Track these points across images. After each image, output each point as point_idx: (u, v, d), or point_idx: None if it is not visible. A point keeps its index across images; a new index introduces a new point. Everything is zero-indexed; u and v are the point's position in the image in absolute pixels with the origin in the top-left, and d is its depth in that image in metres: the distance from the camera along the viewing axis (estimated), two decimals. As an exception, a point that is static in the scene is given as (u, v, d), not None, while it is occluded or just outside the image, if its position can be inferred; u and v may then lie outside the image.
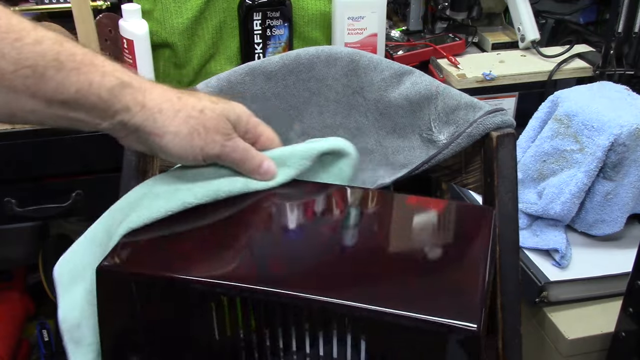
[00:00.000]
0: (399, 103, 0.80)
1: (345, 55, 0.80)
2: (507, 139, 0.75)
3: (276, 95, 0.80)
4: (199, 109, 0.62)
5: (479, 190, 0.78)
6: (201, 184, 0.64)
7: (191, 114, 0.61)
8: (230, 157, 0.64)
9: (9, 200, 1.15)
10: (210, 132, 0.62)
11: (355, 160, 0.70)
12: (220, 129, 0.63)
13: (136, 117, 0.59)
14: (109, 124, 0.59)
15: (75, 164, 1.17)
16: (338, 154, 0.70)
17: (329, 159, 0.70)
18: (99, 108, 0.58)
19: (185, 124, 0.61)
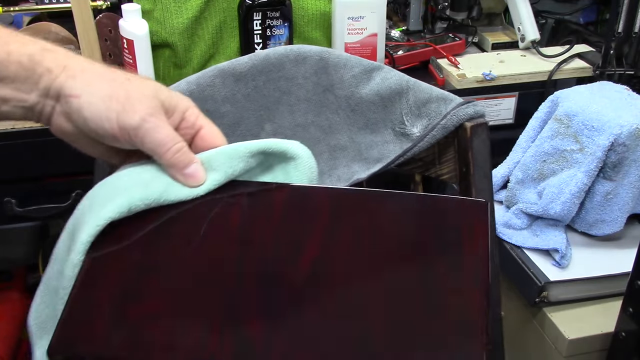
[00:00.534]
0: (370, 99, 0.80)
1: (314, 53, 0.80)
2: (481, 129, 0.77)
3: (246, 96, 0.80)
4: (126, 77, 0.57)
5: (454, 180, 0.80)
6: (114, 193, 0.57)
7: (116, 78, 0.56)
8: (150, 137, 0.56)
9: (9, 200, 1.15)
10: (132, 100, 0.55)
11: (306, 164, 0.62)
12: (144, 101, 0.56)
13: (59, 78, 0.55)
14: (36, 97, 0.55)
15: (75, 164, 1.16)
16: (283, 156, 0.62)
17: (275, 162, 0.63)
18: (21, 77, 0.54)
19: (106, 85, 0.55)
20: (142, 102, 0.56)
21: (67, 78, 0.55)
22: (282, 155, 0.62)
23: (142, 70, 1.15)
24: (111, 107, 0.55)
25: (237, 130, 0.80)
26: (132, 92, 0.56)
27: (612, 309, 1.02)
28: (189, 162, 0.58)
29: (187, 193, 0.58)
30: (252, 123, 0.81)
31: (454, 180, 0.80)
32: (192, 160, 0.58)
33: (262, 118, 0.81)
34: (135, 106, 0.55)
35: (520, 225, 1.15)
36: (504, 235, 1.14)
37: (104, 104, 0.55)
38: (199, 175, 0.58)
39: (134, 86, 0.56)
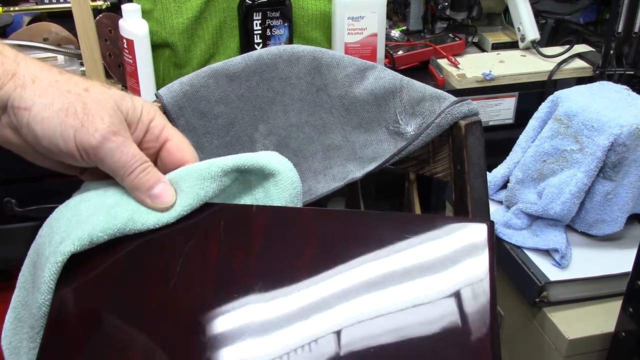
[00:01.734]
0: (364, 98, 0.80)
1: (307, 53, 0.80)
2: (475, 127, 0.77)
3: (240, 96, 0.80)
4: (83, 87, 0.50)
5: (448, 179, 0.80)
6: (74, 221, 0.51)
7: (71, 89, 0.50)
8: (113, 157, 0.50)
9: (9, 200, 1.15)
10: (92, 115, 0.49)
11: (287, 179, 0.57)
12: (105, 117, 0.49)
13: (5, 88, 0.48)
14: None
15: (75, 164, 1.17)
16: (261, 172, 0.56)
17: (252, 178, 0.58)
18: None
19: (60, 97, 0.49)
20: (103, 117, 0.49)
21: (16, 87, 0.49)
22: (259, 171, 0.56)
23: (142, 70, 1.15)
24: (67, 122, 0.48)
25: (231, 131, 0.80)
26: (91, 105, 0.49)
27: (612, 309, 1.02)
28: (155, 182, 0.52)
29: (155, 220, 0.52)
30: (246, 123, 0.81)
31: (448, 178, 0.80)
32: (158, 180, 0.52)
33: (256, 118, 0.81)
34: (96, 122, 0.49)
35: (520, 225, 1.15)
36: (504, 235, 1.14)
37: (58, 118, 0.48)
38: (167, 196, 0.52)
39: (93, 98, 0.50)
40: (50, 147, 0.50)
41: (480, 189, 0.76)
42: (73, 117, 0.49)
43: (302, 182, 0.83)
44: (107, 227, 0.50)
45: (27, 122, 0.49)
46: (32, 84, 0.49)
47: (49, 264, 0.50)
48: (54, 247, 0.50)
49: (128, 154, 0.50)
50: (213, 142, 0.80)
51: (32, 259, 0.55)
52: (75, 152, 0.50)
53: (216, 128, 0.80)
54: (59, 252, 0.50)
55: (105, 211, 0.52)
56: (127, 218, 0.51)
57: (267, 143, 0.82)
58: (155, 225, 0.52)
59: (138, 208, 0.52)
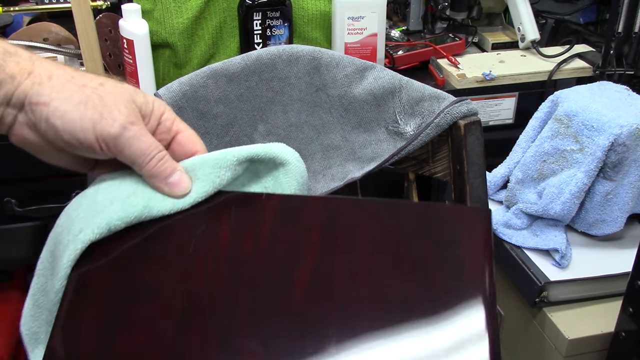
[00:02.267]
0: (363, 98, 0.80)
1: (306, 53, 0.80)
2: (474, 127, 0.77)
3: (239, 97, 0.80)
4: (98, 82, 0.52)
5: (447, 178, 0.80)
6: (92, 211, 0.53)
7: (87, 84, 0.51)
8: (131, 147, 0.51)
9: (9, 200, 1.15)
10: (109, 106, 0.51)
11: (295, 169, 0.59)
12: (122, 108, 0.51)
13: (22, 85, 0.50)
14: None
15: (75, 164, 1.17)
16: (271, 162, 0.59)
17: (262, 168, 0.60)
18: None
19: (78, 92, 0.50)
20: (120, 108, 0.51)
21: (33, 84, 0.50)
22: (271, 161, 0.59)
23: (142, 70, 1.15)
24: (86, 115, 0.50)
25: (231, 131, 0.80)
26: (108, 98, 0.51)
27: (612, 309, 1.02)
28: (172, 171, 0.54)
29: (170, 207, 0.54)
30: (246, 123, 0.81)
31: (448, 178, 0.80)
32: (175, 169, 0.54)
33: (255, 118, 0.81)
34: (114, 113, 0.51)
35: (520, 225, 1.15)
36: (504, 235, 1.14)
37: (77, 112, 0.50)
38: (183, 184, 0.54)
39: (108, 91, 0.52)
40: (70, 141, 0.51)
41: (479, 188, 0.77)
42: (92, 110, 0.50)
43: None
44: (124, 216, 0.52)
45: (46, 117, 0.50)
46: (49, 80, 0.50)
47: (68, 251, 0.51)
48: (74, 235, 0.52)
49: (146, 142, 0.52)
50: (212, 142, 0.80)
51: (50, 248, 0.56)
52: (95, 144, 0.51)
53: (215, 128, 0.80)
54: (79, 240, 0.51)
55: (122, 200, 0.53)
56: (143, 206, 0.53)
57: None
58: (170, 211, 0.54)
59: (154, 195, 0.54)
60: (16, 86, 0.50)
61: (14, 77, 0.50)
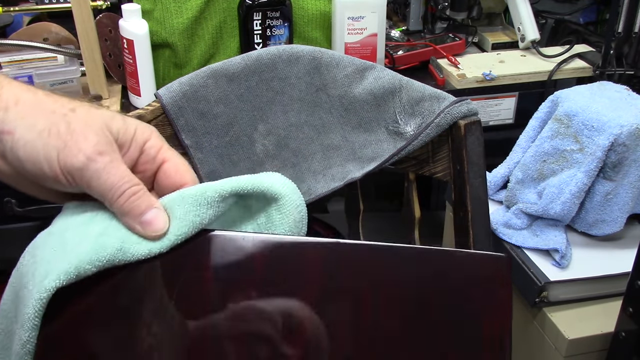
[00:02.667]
0: (364, 98, 0.80)
1: (307, 53, 0.80)
2: (474, 127, 0.77)
3: (239, 96, 0.80)
4: (70, 107, 0.48)
5: (447, 178, 0.80)
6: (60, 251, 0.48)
7: (56, 110, 0.47)
8: (99, 180, 0.46)
9: (9, 200, 1.15)
10: (76, 134, 0.46)
11: (291, 203, 0.52)
12: (90, 136, 0.46)
13: None
14: None
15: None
16: (261, 197, 0.52)
17: (254, 203, 0.54)
18: None
19: (44, 118, 0.46)
20: (88, 137, 0.46)
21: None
22: (261, 196, 0.52)
23: (142, 70, 1.15)
24: (49, 143, 0.46)
25: (231, 131, 0.80)
26: (76, 125, 0.47)
27: (612, 309, 1.02)
28: (147, 208, 0.48)
29: (147, 250, 0.48)
30: (246, 123, 0.81)
31: (448, 178, 0.80)
32: (150, 205, 0.48)
33: (255, 118, 0.81)
34: (80, 143, 0.46)
35: (520, 225, 1.15)
36: (504, 235, 1.14)
37: (40, 140, 0.46)
38: (159, 223, 0.48)
39: (79, 118, 0.47)
40: (35, 172, 0.47)
41: (479, 188, 0.77)
42: (56, 138, 0.46)
43: (301, 182, 0.83)
44: (94, 259, 0.47)
45: (10, 147, 0.46)
46: (15, 106, 0.47)
47: (32, 300, 0.47)
48: (39, 280, 0.47)
49: (116, 175, 0.47)
50: (212, 142, 0.80)
51: (15, 288, 0.51)
52: (61, 176, 0.47)
53: (215, 128, 0.80)
54: (44, 287, 0.46)
55: (92, 240, 0.48)
56: (116, 248, 0.47)
57: (267, 143, 0.82)
58: (147, 255, 0.48)
59: (128, 236, 0.48)
60: None
61: None
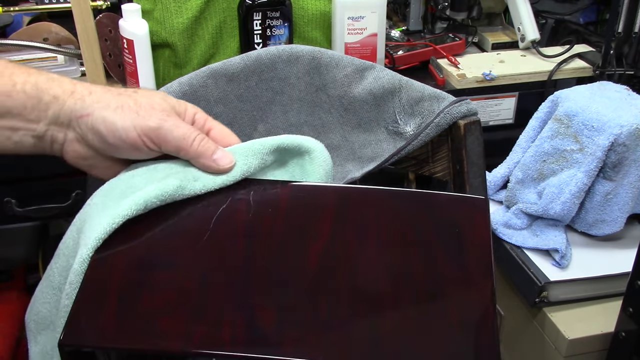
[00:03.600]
0: (363, 98, 0.80)
1: (306, 53, 0.80)
2: (474, 126, 0.77)
3: (239, 97, 0.80)
4: (132, 90, 0.59)
5: (447, 178, 0.80)
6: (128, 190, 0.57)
7: (122, 92, 0.58)
8: (173, 133, 0.57)
9: (9, 200, 1.15)
10: (143, 106, 0.57)
11: (320, 156, 0.64)
12: (155, 106, 0.57)
13: (67, 104, 0.56)
14: (45, 125, 0.56)
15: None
16: (297, 151, 0.64)
17: (289, 158, 0.65)
18: (28, 106, 0.55)
19: (114, 99, 0.57)
20: (154, 106, 0.57)
21: (76, 102, 0.56)
22: (296, 150, 0.63)
23: (142, 70, 1.15)
24: (124, 116, 0.56)
25: None
26: (142, 100, 0.57)
27: (612, 309, 1.02)
28: (215, 148, 0.59)
29: (201, 186, 0.58)
30: (245, 124, 0.81)
31: (447, 178, 0.80)
32: (217, 147, 0.59)
33: (255, 118, 0.81)
34: (149, 111, 0.57)
35: (520, 225, 1.15)
36: (504, 235, 1.14)
37: (116, 115, 0.56)
38: (227, 158, 0.59)
39: (142, 95, 0.58)
40: (115, 143, 0.56)
41: (479, 188, 0.77)
42: (128, 111, 0.56)
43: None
44: (160, 194, 0.56)
45: (91, 126, 0.56)
46: (89, 95, 0.57)
47: (103, 224, 0.54)
48: (111, 210, 0.55)
49: (185, 127, 0.57)
50: None
51: (78, 226, 0.58)
52: (138, 140, 0.56)
53: None
54: (117, 214, 0.54)
55: (157, 181, 0.57)
56: (177, 186, 0.56)
57: None
58: (201, 190, 0.58)
59: (185, 177, 0.57)
60: (61, 105, 0.56)
61: (58, 97, 0.56)
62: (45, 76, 0.57)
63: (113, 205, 0.55)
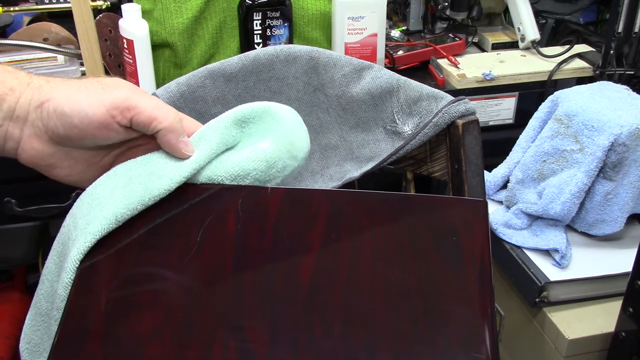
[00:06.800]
0: (361, 98, 0.80)
1: (304, 53, 0.80)
2: (472, 126, 0.77)
3: (237, 97, 0.80)
4: (95, 79, 0.55)
5: (445, 178, 0.80)
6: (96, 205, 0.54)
7: (84, 78, 0.55)
8: (146, 103, 0.53)
9: (9, 200, 1.15)
10: (108, 84, 0.54)
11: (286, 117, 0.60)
12: (121, 84, 0.54)
13: (23, 96, 0.52)
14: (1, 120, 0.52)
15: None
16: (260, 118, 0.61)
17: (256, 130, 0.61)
18: None
19: (76, 83, 0.53)
20: (119, 85, 0.54)
21: (33, 92, 0.52)
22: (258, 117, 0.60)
23: (142, 70, 1.15)
24: (89, 93, 0.52)
25: None
26: (106, 81, 0.54)
27: (612, 309, 1.02)
28: (183, 132, 0.56)
29: (168, 183, 0.54)
30: None
31: (446, 177, 0.80)
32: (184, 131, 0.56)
33: None
34: (116, 88, 0.53)
35: (520, 225, 1.15)
36: (504, 235, 1.14)
37: (80, 93, 0.52)
38: (190, 146, 0.56)
39: (106, 79, 0.55)
40: (82, 123, 0.52)
41: (477, 187, 0.77)
42: (92, 89, 0.52)
43: (300, 182, 0.83)
44: (128, 203, 0.52)
45: (53, 110, 0.52)
46: (47, 83, 0.53)
47: (76, 246, 0.51)
48: (81, 229, 0.52)
49: (159, 101, 0.54)
50: None
51: (58, 250, 0.56)
52: (107, 116, 0.52)
53: None
54: (88, 232, 0.51)
55: (121, 189, 0.54)
56: (143, 189, 0.53)
57: None
58: (169, 187, 0.54)
59: (149, 177, 0.54)
60: (18, 97, 0.52)
61: (14, 89, 0.52)
62: (1, 67, 0.53)
63: (84, 224, 0.52)
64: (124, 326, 0.48)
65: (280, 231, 0.54)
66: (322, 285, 0.50)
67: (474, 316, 0.48)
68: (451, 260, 0.52)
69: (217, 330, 0.47)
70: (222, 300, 0.49)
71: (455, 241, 0.54)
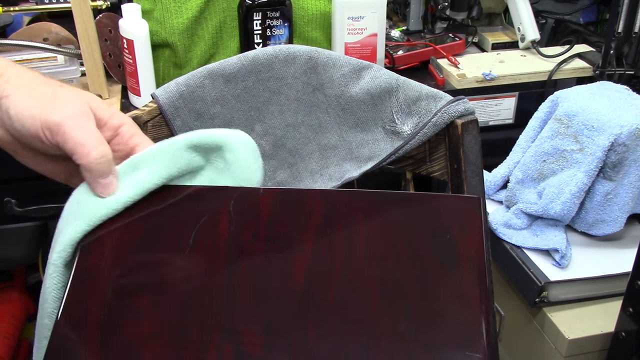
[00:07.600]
0: (360, 97, 0.80)
1: (303, 53, 0.80)
2: (471, 125, 0.77)
3: (236, 97, 0.80)
4: (59, 84, 0.56)
5: (445, 177, 0.80)
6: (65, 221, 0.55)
7: (49, 82, 0.55)
8: (72, 135, 0.52)
9: (9, 200, 1.15)
10: (60, 99, 0.54)
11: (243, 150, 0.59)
12: (72, 104, 0.54)
13: None
14: None
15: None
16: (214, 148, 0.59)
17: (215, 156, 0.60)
18: None
19: (37, 87, 0.54)
20: (69, 102, 0.53)
21: (1, 84, 0.54)
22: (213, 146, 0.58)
23: (142, 70, 1.15)
24: (36, 104, 0.53)
25: None
26: (62, 93, 0.54)
27: (612, 309, 1.02)
28: (108, 173, 0.54)
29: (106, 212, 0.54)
30: (242, 124, 0.81)
31: (445, 177, 0.80)
32: (111, 172, 0.54)
33: (252, 118, 0.81)
34: (62, 105, 0.53)
35: (520, 225, 1.15)
36: (504, 235, 1.14)
37: (30, 102, 0.53)
38: (111, 189, 0.54)
39: (65, 90, 0.55)
40: (20, 129, 0.53)
41: (477, 187, 0.77)
42: (43, 100, 0.53)
43: (299, 182, 0.83)
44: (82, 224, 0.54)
45: (6, 107, 0.53)
46: (16, 79, 0.54)
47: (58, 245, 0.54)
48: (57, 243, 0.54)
49: (91, 134, 0.53)
50: None
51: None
52: (40, 131, 0.52)
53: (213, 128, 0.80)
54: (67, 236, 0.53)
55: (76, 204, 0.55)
56: (84, 224, 0.54)
57: (264, 143, 0.82)
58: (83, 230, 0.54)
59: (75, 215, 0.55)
60: None
61: None
62: None
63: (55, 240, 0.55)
64: (119, 330, 0.47)
65: (274, 232, 0.54)
66: (316, 285, 0.50)
67: (470, 313, 0.48)
68: (446, 257, 0.52)
69: (212, 333, 0.47)
70: (217, 302, 0.49)
71: (450, 238, 0.53)
